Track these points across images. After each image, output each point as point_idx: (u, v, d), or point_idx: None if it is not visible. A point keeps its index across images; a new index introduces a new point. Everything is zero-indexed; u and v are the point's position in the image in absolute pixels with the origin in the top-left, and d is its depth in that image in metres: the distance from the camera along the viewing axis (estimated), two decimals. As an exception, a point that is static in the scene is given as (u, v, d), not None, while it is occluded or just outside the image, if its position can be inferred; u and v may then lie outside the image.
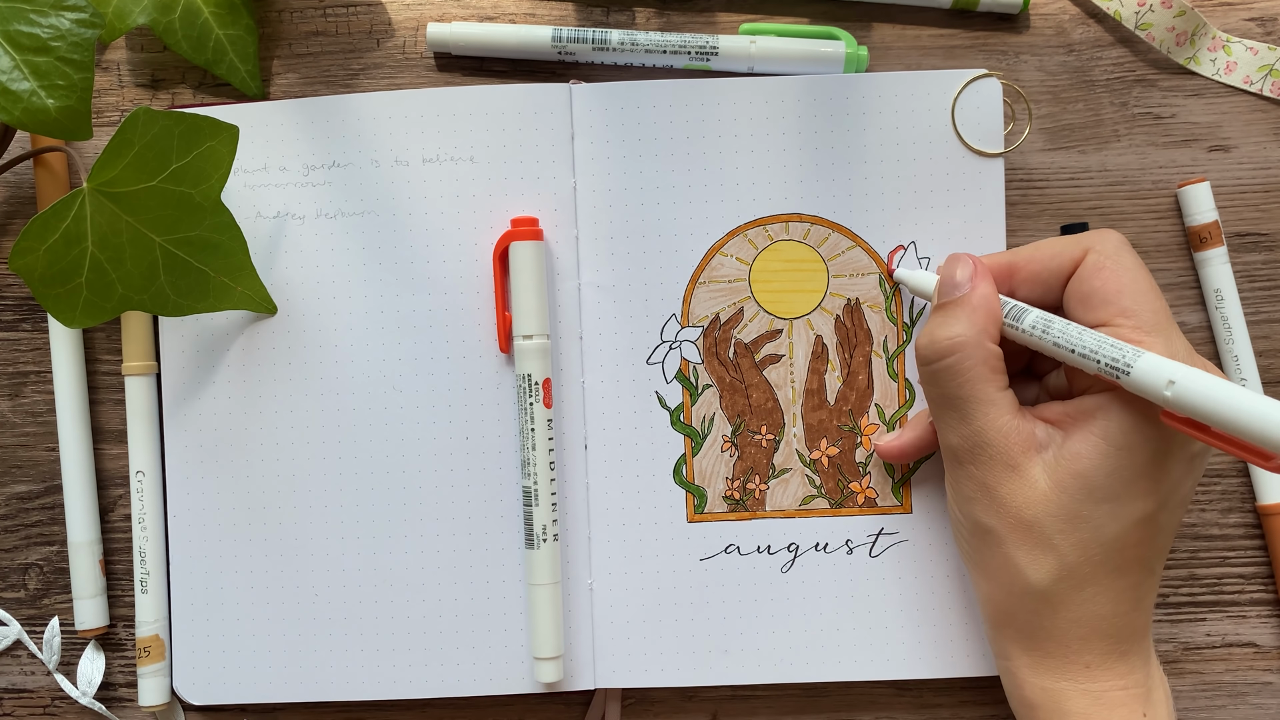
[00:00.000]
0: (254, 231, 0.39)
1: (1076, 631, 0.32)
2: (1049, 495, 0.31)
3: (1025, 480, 0.32)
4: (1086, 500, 0.31)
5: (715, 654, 0.39)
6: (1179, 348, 0.31)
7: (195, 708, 0.40)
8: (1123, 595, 0.32)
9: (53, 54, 0.32)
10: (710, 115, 0.39)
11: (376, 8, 0.42)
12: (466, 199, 0.39)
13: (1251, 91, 0.41)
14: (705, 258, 0.39)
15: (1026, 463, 0.32)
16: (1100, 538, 0.31)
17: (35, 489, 0.41)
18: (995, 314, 0.33)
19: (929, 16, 0.41)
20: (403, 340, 0.39)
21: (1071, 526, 0.31)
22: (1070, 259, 0.33)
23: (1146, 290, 0.32)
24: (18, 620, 0.41)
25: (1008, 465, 0.32)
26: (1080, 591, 0.32)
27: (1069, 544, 0.31)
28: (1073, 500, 0.31)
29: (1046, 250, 0.34)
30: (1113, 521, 0.31)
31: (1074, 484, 0.31)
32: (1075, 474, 0.31)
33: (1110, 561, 0.31)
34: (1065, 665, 0.32)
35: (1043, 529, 0.31)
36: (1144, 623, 0.33)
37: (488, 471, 0.39)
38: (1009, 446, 0.32)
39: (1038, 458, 0.32)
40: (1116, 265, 0.32)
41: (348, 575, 0.39)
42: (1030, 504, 0.31)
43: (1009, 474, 0.32)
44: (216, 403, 0.40)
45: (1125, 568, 0.32)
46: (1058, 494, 0.31)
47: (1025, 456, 0.32)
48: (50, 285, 0.34)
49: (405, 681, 0.39)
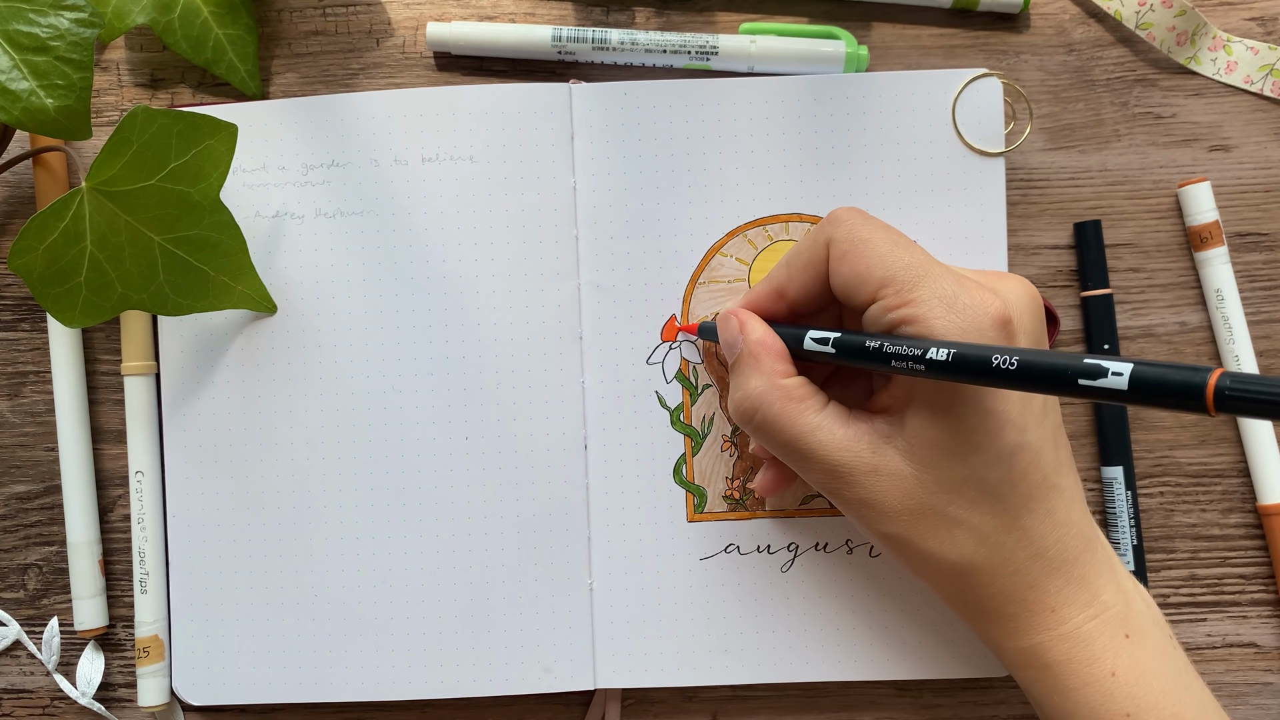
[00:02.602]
0: (253, 231, 0.39)
1: (1022, 582, 0.31)
2: (919, 477, 0.31)
3: (891, 476, 0.31)
4: (953, 463, 0.30)
5: (715, 654, 0.39)
6: (945, 287, 0.30)
7: (194, 708, 0.40)
8: (1043, 526, 0.31)
9: (52, 53, 0.32)
10: (710, 115, 0.39)
11: (376, 7, 0.42)
12: (466, 199, 0.39)
13: (1252, 91, 0.41)
14: (705, 258, 0.39)
15: (883, 461, 0.31)
16: (987, 489, 0.31)
17: (34, 489, 0.41)
18: (777, 351, 0.33)
19: (929, 16, 0.41)
20: (403, 340, 0.39)
21: (956, 493, 0.31)
22: (819, 260, 0.33)
23: (891, 251, 0.31)
24: (17, 620, 0.41)
25: (868, 471, 0.31)
26: (1002, 546, 0.31)
27: (964, 510, 0.31)
28: (942, 470, 0.31)
29: (799, 261, 0.33)
30: (989, 468, 0.30)
31: (934, 455, 0.31)
32: (929, 446, 0.31)
33: (1011, 504, 0.31)
34: (1032, 619, 0.32)
35: (934, 509, 0.31)
36: (1084, 539, 0.32)
37: (487, 471, 0.39)
38: (859, 456, 0.31)
39: (890, 450, 0.31)
40: (855, 246, 0.31)
41: (347, 575, 0.39)
42: (909, 494, 0.31)
43: (874, 478, 0.31)
44: (216, 403, 0.40)
45: (1030, 500, 0.31)
46: (926, 472, 0.31)
47: (878, 456, 0.31)
48: (49, 285, 0.34)
49: (405, 681, 0.39)
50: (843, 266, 0.32)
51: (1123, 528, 0.40)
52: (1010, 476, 0.31)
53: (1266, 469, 0.40)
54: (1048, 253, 0.41)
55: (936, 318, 0.30)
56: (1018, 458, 0.31)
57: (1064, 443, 0.32)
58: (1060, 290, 0.41)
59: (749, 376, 0.33)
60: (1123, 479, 0.40)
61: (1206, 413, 0.23)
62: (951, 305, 0.30)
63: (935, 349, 0.28)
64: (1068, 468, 0.32)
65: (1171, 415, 0.41)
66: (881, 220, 0.32)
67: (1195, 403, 0.23)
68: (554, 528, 0.39)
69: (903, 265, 0.31)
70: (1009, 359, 0.27)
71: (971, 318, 0.29)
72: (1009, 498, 0.31)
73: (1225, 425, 0.41)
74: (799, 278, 0.33)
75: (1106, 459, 0.40)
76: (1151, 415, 0.41)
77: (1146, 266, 0.41)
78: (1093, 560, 0.32)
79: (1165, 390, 0.24)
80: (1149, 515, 0.41)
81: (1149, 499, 0.41)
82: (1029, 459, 0.31)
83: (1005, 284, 0.32)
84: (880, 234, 0.32)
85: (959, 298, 0.30)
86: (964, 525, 0.31)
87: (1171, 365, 0.24)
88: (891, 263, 0.31)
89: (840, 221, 0.32)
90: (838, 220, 0.32)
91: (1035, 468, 0.31)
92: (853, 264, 0.31)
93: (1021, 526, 0.31)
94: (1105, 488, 0.40)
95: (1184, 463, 0.41)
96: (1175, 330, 0.41)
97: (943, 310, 0.30)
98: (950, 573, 0.32)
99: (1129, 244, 0.41)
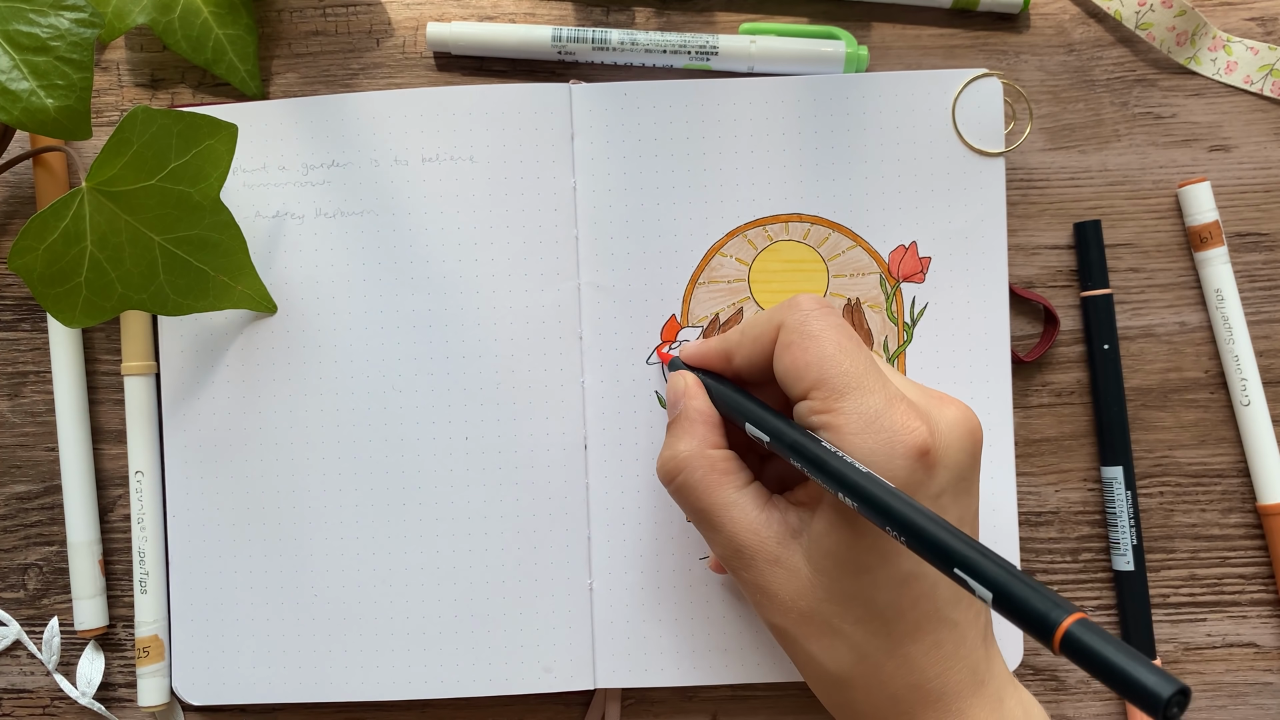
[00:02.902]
0: (253, 231, 0.39)
1: (896, 709, 0.30)
2: (814, 581, 0.30)
3: (789, 571, 0.31)
4: (844, 576, 0.30)
5: (715, 654, 0.39)
6: (871, 404, 0.29)
7: (194, 708, 0.40)
8: (927, 658, 0.30)
9: (52, 54, 0.32)
10: (710, 115, 0.39)
11: (376, 7, 0.42)
12: (466, 199, 0.39)
13: (1252, 91, 0.41)
14: (705, 258, 0.39)
15: (786, 553, 0.31)
16: (874, 610, 0.30)
17: (35, 489, 0.41)
18: (712, 421, 0.33)
19: (929, 16, 0.41)
20: (403, 340, 0.39)
21: (843, 607, 0.30)
22: (769, 340, 0.32)
23: (833, 354, 0.30)
24: (17, 620, 0.41)
25: (769, 560, 0.31)
26: (881, 668, 0.30)
27: (849, 625, 0.30)
28: (834, 580, 0.30)
29: (751, 333, 0.33)
30: (878, 590, 0.30)
31: (828, 564, 0.30)
32: (826, 554, 0.30)
33: (896, 630, 0.30)
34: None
35: (821, 616, 0.30)
36: (971, 674, 0.30)
37: (486, 471, 0.39)
38: (764, 542, 0.31)
39: (795, 545, 0.31)
40: (802, 340, 0.31)
41: (347, 575, 0.39)
42: (801, 594, 0.30)
43: (773, 569, 0.31)
44: (216, 402, 0.40)
45: (917, 631, 0.30)
46: (820, 578, 0.30)
47: (783, 547, 0.31)
48: (49, 285, 0.34)
49: (405, 681, 0.39)
50: (785, 356, 0.31)
51: (1123, 527, 0.40)
52: (899, 603, 0.30)
53: (1266, 469, 0.40)
54: (1048, 253, 0.41)
55: (853, 433, 0.29)
56: (910, 586, 0.30)
57: None
58: (1060, 290, 0.41)
59: (680, 438, 0.33)
60: (1122, 479, 0.40)
61: (1051, 649, 0.23)
62: (870, 424, 0.29)
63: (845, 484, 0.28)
64: (969, 601, 0.31)
65: (1171, 415, 0.41)
66: (839, 319, 0.31)
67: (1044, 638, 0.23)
68: (554, 528, 0.39)
69: (839, 371, 0.30)
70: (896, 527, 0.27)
71: (887, 441, 0.29)
72: (895, 624, 0.30)
73: (1225, 425, 0.41)
74: (747, 349, 0.33)
75: (1106, 459, 0.40)
76: (1151, 415, 0.41)
77: (1146, 266, 0.41)
78: (976, 694, 0.30)
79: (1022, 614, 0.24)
80: (1149, 515, 0.41)
81: (1149, 499, 0.41)
82: (922, 590, 0.30)
83: (944, 410, 0.31)
84: (830, 334, 0.31)
85: (881, 418, 0.29)
86: (846, 639, 0.30)
87: (1035, 589, 0.23)
88: (829, 366, 0.30)
89: (796, 309, 0.32)
90: (795, 307, 0.32)
91: (928, 599, 0.30)
92: (793, 357, 0.31)
93: (904, 654, 0.30)
94: (1105, 488, 0.40)
95: (1184, 463, 0.41)
96: (1175, 330, 0.41)
97: (860, 427, 0.29)
98: (827, 680, 0.31)
99: (1129, 244, 0.41)
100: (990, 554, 0.25)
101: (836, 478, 0.28)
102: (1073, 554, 0.41)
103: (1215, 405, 0.41)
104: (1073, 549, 0.41)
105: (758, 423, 0.32)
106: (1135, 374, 0.41)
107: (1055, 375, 0.41)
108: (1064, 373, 0.41)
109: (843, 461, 0.28)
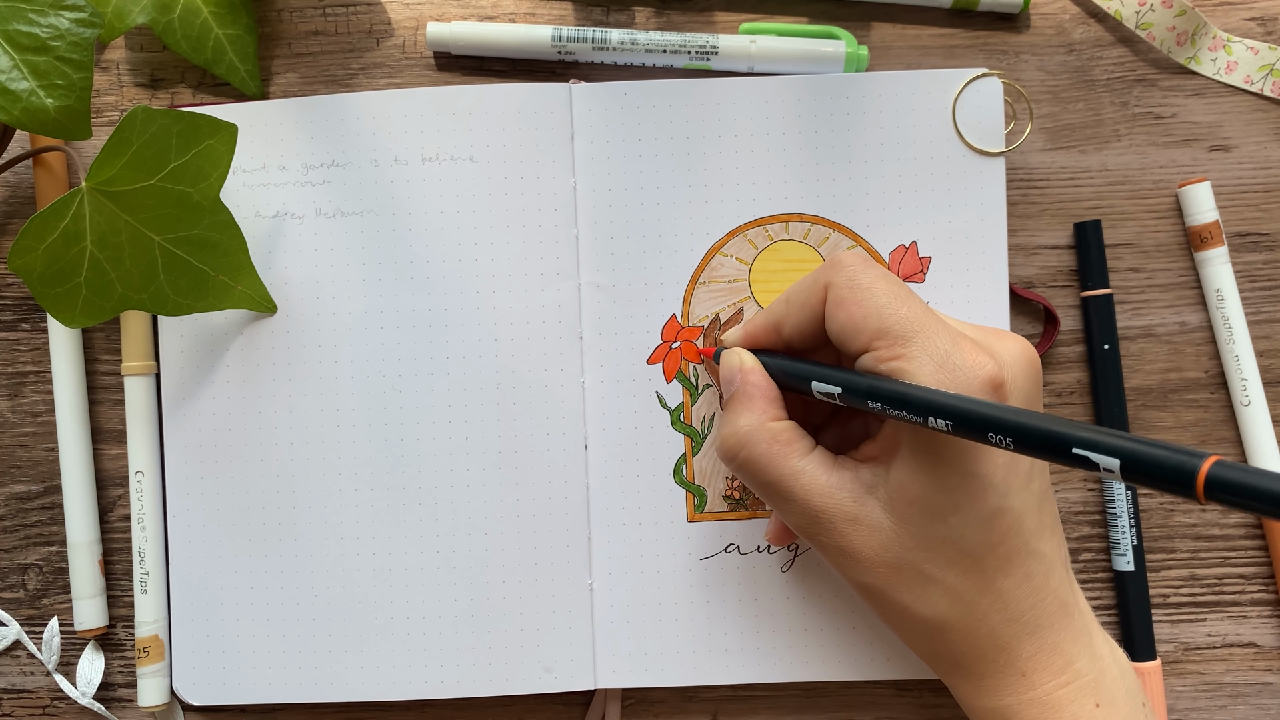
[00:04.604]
0: (253, 231, 0.39)
1: (994, 644, 0.31)
2: (898, 531, 0.31)
3: (870, 527, 0.31)
4: (932, 522, 0.30)
5: (715, 654, 0.39)
6: (938, 345, 0.30)
7: (195, 708, 0.40)
8: (1020, 590, 0.31)
9: (52, 53, 0.32)
10: (710, 115, 0.39)
11: (376, 7, 0.42)
12: (466, 198, 0.39)
13: (1252, 91, 0.41)
14: (705, 258, 0.39)
15: (863, 510, 0.31)
16: (964, 550, 0.30)
17: (34, 489, 0.41)
18: (770, 395, 0.33)
19: (929, 16, 0.41)
20: (403, 340, 0.39)
21: (933, 552, 0.30)
22: (817, 302, 0.32)
23: (889, 303, 0.31)
24: (17, 620, 0.41)
25: (848, 520, 0.31)
26: (976, 607, 0.31)
27: (940, 569, 0.31)
28: (920, 527, 0.30)
29: (798, 300, 0.33)
30: (967, 529, 0.30)
31: (913, 512, 0.30)
32: (910, 502, 0.30)
33: (988, 567, 0.30)
34: (1001, 682, 0.31)
35: (911, 565, 0.31)
36: (1061, 605, 0.31)
37: (487, 472, 0.39)
38: (839, 504, 0.31)
39: (872, 500, 0.31)
40: (854, 294, 0.31)
41: (348, 575, 0.39)
42: (887, 547, 0.31)
43: (854, 528, 0.31)
44: (216, 403, 0.40)
45: (1007, 565, 0.31)
46: (905, 526, 0.30)
47: (860, 505, 0.31)
48: (49, 285, 0.34)
49: (405, 681, 0.39)
50: (839, 313, 0.31)
51: (1122, 527, 0.39)
52: (989, 539, 0.30)
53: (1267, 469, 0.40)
54: (1048, 253, 0.41)
55: (927, 375, 0.29)
56: (997, 521, 0.30)
57: (1050, 508, 0.32)
58: (1060, 290, 0.41)
59: (739, 414, 0.33)
60: None
61: (1196, 499, 0.22)
62: (943, 364, 0.29)
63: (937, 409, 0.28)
64: (1050, 533, 0.32)
65: (1171, 415, 0.41)
66: (885, 270, 0.32)
67: (1186, 489, 0.22)
68: (554, 528, 0.39)
69: (898, 319, 0.30)
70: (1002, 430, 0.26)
71: (962, 378, 0.29)
72: (986, 560, 0.30)
73: (1225, 425, 0.41)
74: (795, 316, 0.33)
75: None
76: (1151, 415, 0.41)
77: (1146, 266, 0.41)
78: (1068, 627, 0.31)
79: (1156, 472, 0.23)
80: (1149, 515, 0.41)
81: (1149, 499, 0.41)
82: (1009, 523, 0.30)
83: (1003, 344, 0.32)
84: (880, 284, 0.31)
85: (951, 357, 0.29)
86: (939, 584, 0.31)
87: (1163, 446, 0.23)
88: (888, 315, 0.30)
89: (842, 267, 0.32)
90: (839, 265, 0.32)
91: (1015, 532, 0.30)
92: (849, 312, 0.31)
93: (997, 589, 0.31)
94: (1105, 487, 0.40)
95: (1184, 463, 0.41)
96: (1175, 330, 0.41)
97: (933, 368, 0.29)
98: (923, 628, 0.32)
99: (1129, 244, 0.41)
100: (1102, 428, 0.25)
101: (926, 406, 0.28)
102: (1073, 554, 0.41)
103: (1215, 405, 0.41)
104: (1073, 549, 0.41)
105: (826, 379, 0.32)
106: (1135, 374, 0.41)
107: (1055, 375, 0.41)
108: (1064, 373, 0.41)
109: (927, 390, 0.28)
